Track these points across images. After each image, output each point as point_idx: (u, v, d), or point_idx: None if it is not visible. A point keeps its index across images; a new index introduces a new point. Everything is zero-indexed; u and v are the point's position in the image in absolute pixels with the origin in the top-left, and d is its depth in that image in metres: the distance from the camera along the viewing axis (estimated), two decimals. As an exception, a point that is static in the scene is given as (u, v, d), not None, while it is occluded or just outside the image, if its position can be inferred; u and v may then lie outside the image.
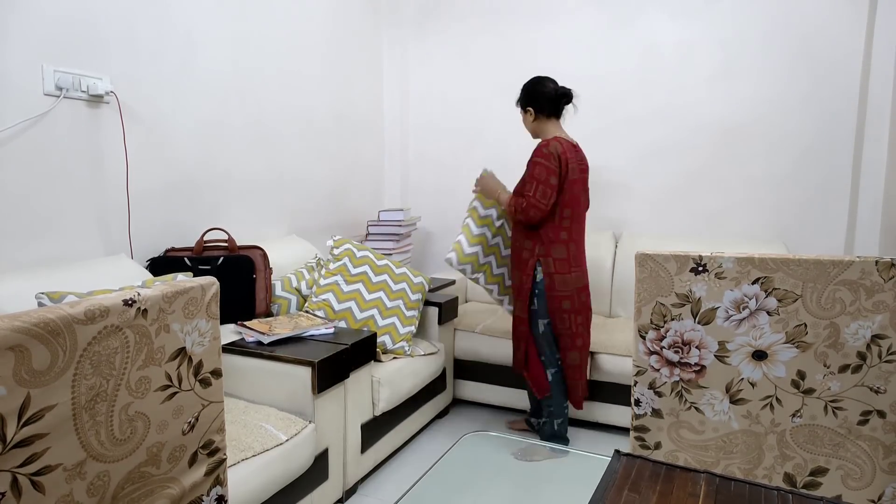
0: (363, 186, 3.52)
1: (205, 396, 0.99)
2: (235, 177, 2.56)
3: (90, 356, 0.78)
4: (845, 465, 1.14)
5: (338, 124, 3.23)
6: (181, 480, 0.97)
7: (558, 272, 2.25)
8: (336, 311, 2.32)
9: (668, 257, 1.19)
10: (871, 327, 1.09)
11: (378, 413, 2.18)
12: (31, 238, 1.80)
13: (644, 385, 1.25)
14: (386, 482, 2.22)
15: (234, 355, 1.90)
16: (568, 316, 2.27)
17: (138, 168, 2.11)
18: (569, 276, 2.26)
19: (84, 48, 1.90)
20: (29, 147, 1.78)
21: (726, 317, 1.17)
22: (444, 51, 3.57)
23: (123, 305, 0.82)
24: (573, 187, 2.24)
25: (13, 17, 1.71)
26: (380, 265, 2.54)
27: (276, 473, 1.59)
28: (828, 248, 2.87)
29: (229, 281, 2.07)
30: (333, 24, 3.14)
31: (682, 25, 3.01)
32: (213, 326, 0.99)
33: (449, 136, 3.62)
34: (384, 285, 2.48)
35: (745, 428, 1.19)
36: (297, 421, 1.74)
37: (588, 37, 3.21)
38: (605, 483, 0.94)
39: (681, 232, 3.13)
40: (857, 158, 2.75)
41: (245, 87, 2.57)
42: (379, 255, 2.57)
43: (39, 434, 0.73)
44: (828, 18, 2.76)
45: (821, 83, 2.81)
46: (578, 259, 2.32)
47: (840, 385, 1.13)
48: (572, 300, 2.27)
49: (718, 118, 2.99)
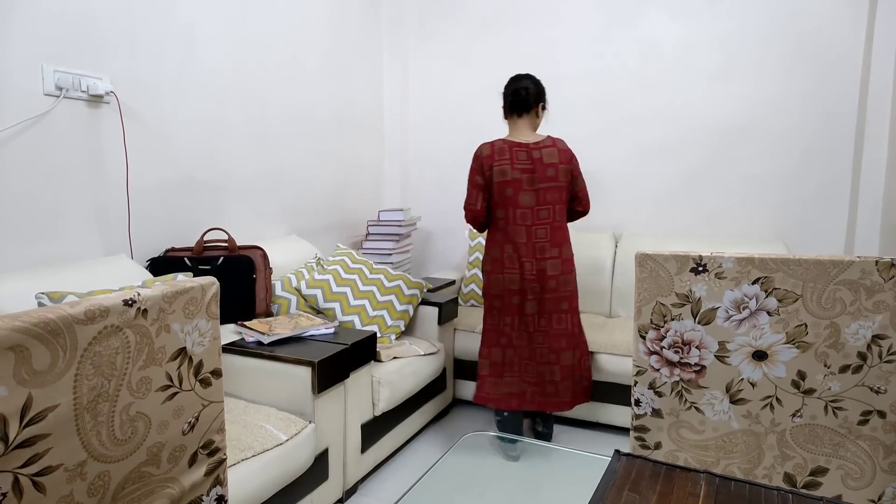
0: (363, 186, 3.52)
1: (205, 396, 0.99)
2: (235, 177, 2.56)
3: (91, 356, 0.78)
4: (845, 464, 1.14)
5: (338, 124, 3.23)
6: (181, 480, 0.97)
7: (493, 272, 2.29)
8: (331, 295, 2.42)
9: (668, 257, 1.19)
10: (872, 327, 1.09)
11: (378, 413, 2.18)
12: (31, 238, 1.80)
13: (644, 385, 1.25)
14: (386, 482, 2.22)
15: (234, 355, 1.90)
16: (498, 313, 2.31)
17: (138, 168, 2.11)
18: (500, 276, 2.27)
19: (84, 48, 1.90)
20: (29, 147, 1.78)
21: (726, 317, 1.17)
22: (444, 50, 3.57)
23: (123, 305, 0.82)
24: (503, 188, 2.23)
25: (13, 17, 1.71)
26: (376, 268, 2.63)
27: (276, 473, 1.59)
28: (828, 248, 2.88)
29: (229, 281, 2.07)
30: (334, 24, 3.14)
31: (682, 25, 3.01)
32: (214, 326, 0.99)
33: (449, 135, 3.62)
34: (378, 282, 2.55)
35: (745, 428, 1.19)
36: (297, 421, 1.74)
37: (588, 37, 3.21)
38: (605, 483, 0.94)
39: (681, 232, 3.13)
40: (857, 158, 2.75)
41: (245, 87, 2.57)
42: (373, 269, 2.65)
43: (42, 434, 0.73)
44: (828, 18, 2.77)
45: (821, 83, 2.81)
46: (514, 260, 2.24)
47: (840, 385, 1.13)
48: (502, 299, 2.28)
49: (718, 118, 2.99)
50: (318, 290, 2.41)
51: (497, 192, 2.25)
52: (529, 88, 2.28)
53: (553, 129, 3.33)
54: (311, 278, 2.43)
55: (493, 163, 2.24)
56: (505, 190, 2.24)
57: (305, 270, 2.46)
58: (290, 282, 2.37)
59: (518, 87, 2.29)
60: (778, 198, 2.94)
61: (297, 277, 2.41)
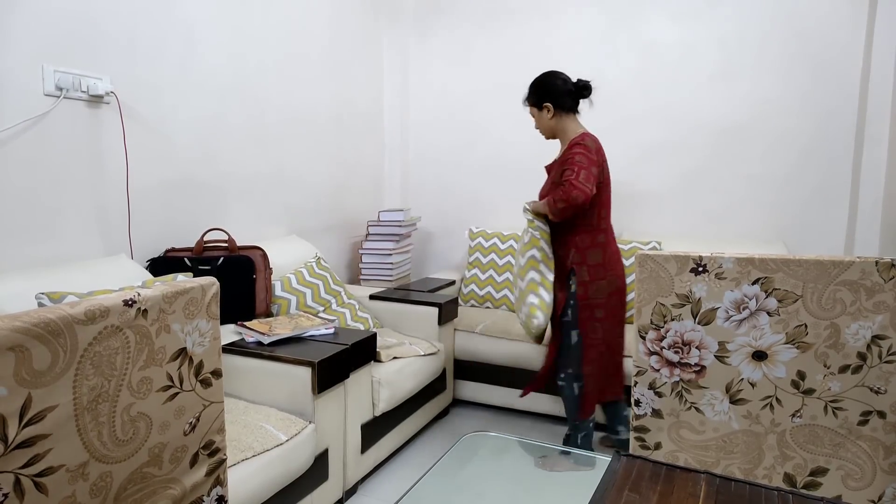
0: (363, 186, 3.52)
1: (205, 397, 0.99)
2: (235, 177, 2.56)
3: (91, 356, 0.78)
4: (845, 465, 1.14)
5: (338, 124, 3.23)
6: (182, 481, 0.97)
7: (593, 279, 2.11)
8: None
9: (668, 257, 1.19)
10: (872, 328, 1.09)
11: (378, 413, 2.18)
12: (31, 238, 1.80)
13: (644, 385, 1.25)
14: (386, 482, 2.22)
15: (235, 355, 1.90)
16: (600, 324, 2.13)
17: (138, 168, 2.11)
18: (602, 282, 2.12)
19: (84, 48, 1.90)
20: (29, 147, 1.78)
21: (726, 317, 1.18)
22: (444, 50, 3.57)
23: (123, 306, 0.82)
24: (607, 189, 2.15)
25: (13, 17, 1.71)
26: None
27: (276, 473, 1.59)
28: (828, 248, 2.88)
29: (229, 281, 2.07)
30: (334, 23, 3.14)
31: (681, 25, 3.01)
32: (214, 327, 0.99)
33: (449, 135, 3.62)
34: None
35: (746, 428, 1.19)
36: (297, 421, 1.74)
37: (588, 37, 3.21)
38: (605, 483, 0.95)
39: (681, 232, 3.13)
40: (857, 158, 2.75)
41: (245, 86, 2.57)
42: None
43: (42, 435, 0.73)
44: (827, 18, 2.77)
45: (820, 83, 2.81)
46: (613, 262, 2.17)
47: (840, 385, 1.13)
48: (605, 308, 2.13)
49: (718, 118, 2.99)
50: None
51: (604, 191, 2.12)
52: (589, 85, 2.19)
53: (553, 130, 3.33)
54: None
55: (603, 159, 2.11)
56: (608, 190, 2.15)
57: (305, 271, 2.46)
58: (289, 282, 2.37)
59: (585, 81, 2.16)
60: (778, 198, 2.94)
61: (298, 278, 2.41)
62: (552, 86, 2.18)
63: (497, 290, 3.11)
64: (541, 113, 2.21)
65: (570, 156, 2.07)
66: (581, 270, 2.12)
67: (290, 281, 2.37)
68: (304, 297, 2.38)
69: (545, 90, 2.19)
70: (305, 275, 2.43)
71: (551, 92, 2.18)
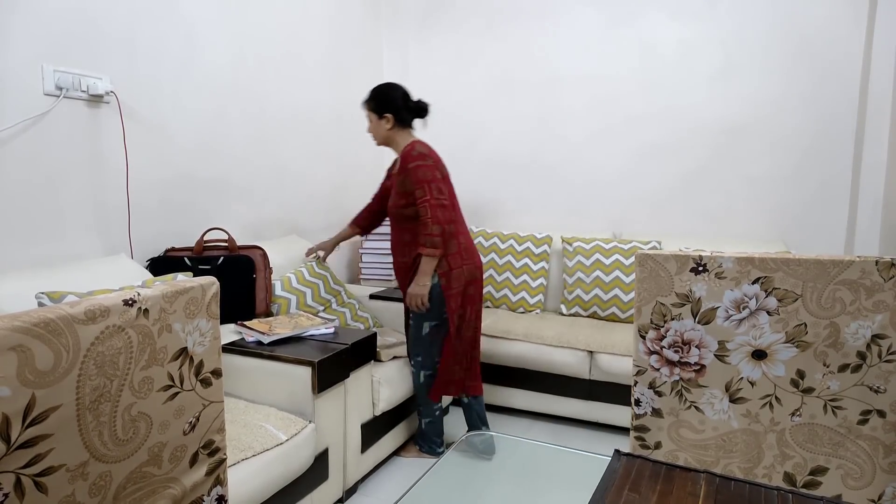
0: (363, 186, 3.51)
1: (205, 396, 0.99)
2: (235, 176, 2.56)
3: (94, 356, 0.78)
4: (845, 464, 1.14)
5: (338, 124, 3.23)
6: (182, 480, 0.97)
7: (453, 268, 2.21)
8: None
9: (668, 257, 1.19)
10: (871, 327, 1.10)
11: (378, 413, 2.18)
12: (31, 238, 1.80)
13: (644, 385, 1.26)
14: (386, 482, 2.22)
15: (234, 355, 1.90)
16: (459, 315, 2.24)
17: (138, 168, 2.11)
18: (463, 268, 2.23)
19: (84, 48, 1.90)
20: (29, 147, 1.78)
21: (726, 316, 1.18)
22: (443, 50, 3.57)
23: (123, 305, 0.83)
24: (447, 182, 2.27)
25: (13, 17, 1.71)
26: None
27: (276, 473, 1.59)
28: (828, 248, 2.88)
29: (229, 281, 2.07)
30: (334, 24, 3.14)
31: (682, 25, 3.01)
32: (214, 326, 0.99)
33: (449, 135, 3.62)
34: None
35: (745, 427, 1.20)
36: (297, 421, 1.74)
37: (588, 37, 3.21)
38: (605, 483, 0.95)
39: (681, 232, 3.13)
40: (857, 158, 2.75)
41: (245, 87, 2.57)
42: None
43: (44, 435, 0.73)
44: (828, 18, 2.77)
45: (821, 83, 2.81)
46: (470, 252, 2.29)
47: (840, 384, 1.13)
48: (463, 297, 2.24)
49: (718, 118, 2.99)
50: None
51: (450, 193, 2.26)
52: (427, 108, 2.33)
53: (553, 130, 3.34)
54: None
55: (437, 158, 2.27)
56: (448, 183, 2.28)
57: (306, 270, 2.46)
58: (289, 281, 2.37)
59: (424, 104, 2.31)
60: (778, 198, 2.94)
61: (298, 277, 2.41)
62: (394, 99, 2.27)
63: (497, 290, 3.11)
64: (380, 120, 2.29)
65: (411, 172, 2.17)
66: (441, 262, 2.20)
67: (290, 280, 2.37)
68: (304, 296, 2.37)
69: (388, 101, 2.27)
70: (305, 274, 2.43)
71: (394, 104, 2.27)
